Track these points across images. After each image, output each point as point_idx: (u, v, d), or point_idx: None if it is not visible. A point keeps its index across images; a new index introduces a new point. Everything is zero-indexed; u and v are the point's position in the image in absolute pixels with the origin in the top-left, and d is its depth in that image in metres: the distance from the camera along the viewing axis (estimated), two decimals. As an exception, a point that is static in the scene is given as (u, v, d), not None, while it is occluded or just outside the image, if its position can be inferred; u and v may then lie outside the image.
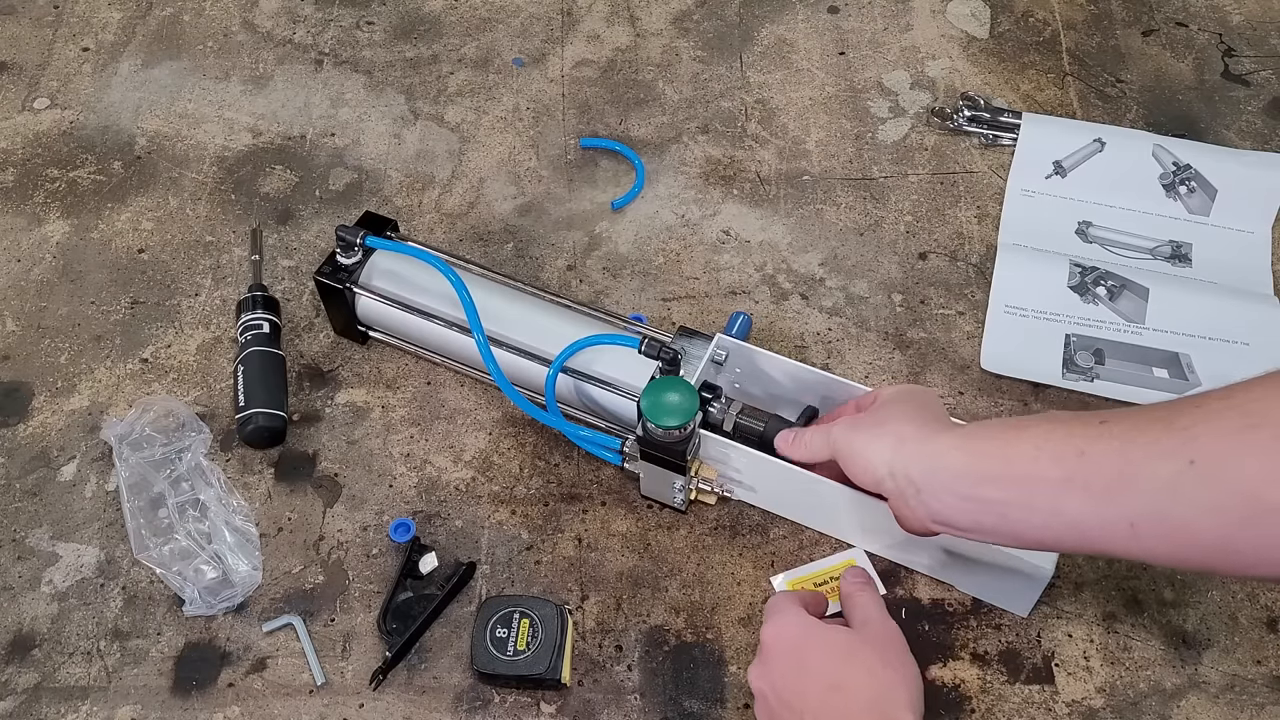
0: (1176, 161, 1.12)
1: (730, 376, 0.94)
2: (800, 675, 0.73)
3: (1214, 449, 0.59)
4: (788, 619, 0.76)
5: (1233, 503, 0.58)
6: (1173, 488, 0.60)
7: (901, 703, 0.70)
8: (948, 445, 0.71)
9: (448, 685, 0.85)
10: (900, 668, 0.73)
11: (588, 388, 0.91)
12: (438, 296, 0.95)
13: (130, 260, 1.09)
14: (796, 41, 1.26)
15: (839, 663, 0.72)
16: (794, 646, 0.74)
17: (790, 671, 0.73)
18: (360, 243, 0.96)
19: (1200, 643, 0.86)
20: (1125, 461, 0.62)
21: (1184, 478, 0.59)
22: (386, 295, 0.97)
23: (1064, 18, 1.28)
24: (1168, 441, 0.60)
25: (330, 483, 0.95)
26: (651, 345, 0.88)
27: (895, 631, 0.76)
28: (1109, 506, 0.63)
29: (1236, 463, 0.58)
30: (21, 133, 1.19)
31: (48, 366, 1.02)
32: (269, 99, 1.21)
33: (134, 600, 0.89)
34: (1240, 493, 0.58)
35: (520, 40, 1.26)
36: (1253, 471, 0.57)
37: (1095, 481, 0.63)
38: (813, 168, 1.15)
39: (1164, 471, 0.60)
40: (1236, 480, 0.58)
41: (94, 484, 0.95)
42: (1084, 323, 1.03)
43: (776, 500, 0.91)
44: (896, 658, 0.74)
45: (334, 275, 0.97)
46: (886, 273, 1.07)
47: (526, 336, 0.93)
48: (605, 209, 1.12)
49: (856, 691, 0.71)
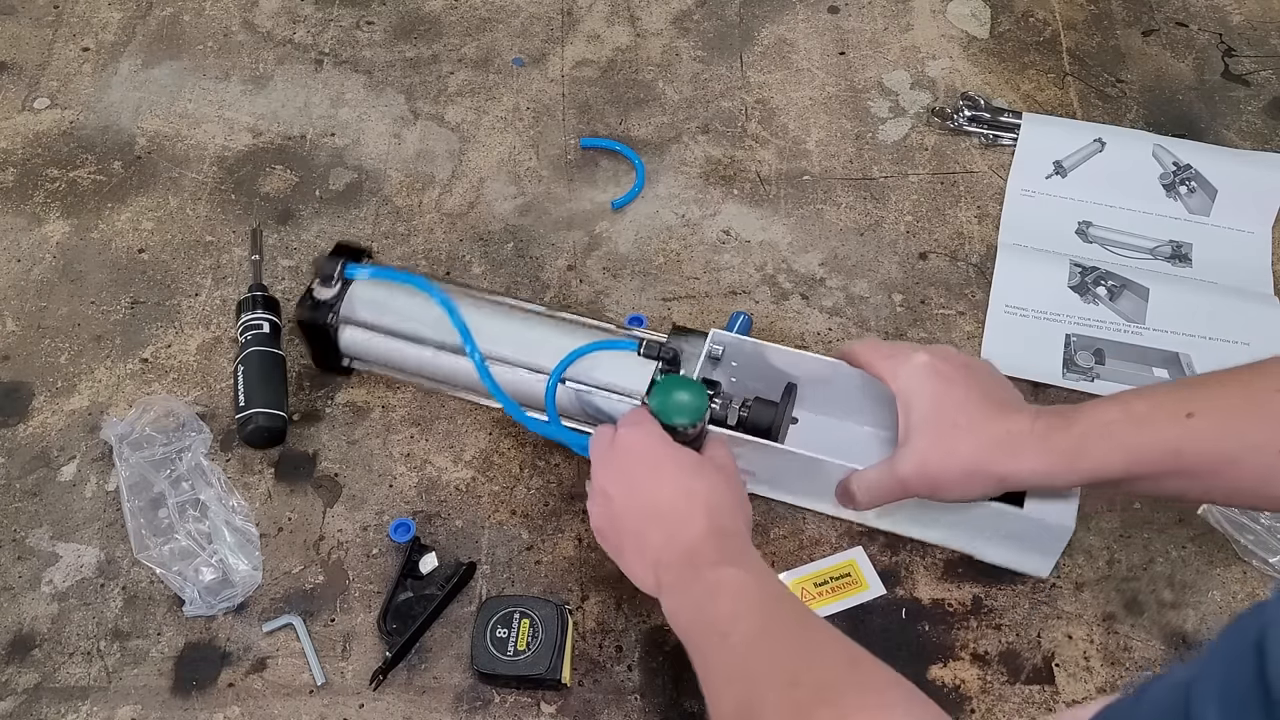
0: (1177, 161, 1.12)
1: (727, 370, 0.94)
2: (654, 481, 0.77)
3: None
4: (647, 429, 0.80)
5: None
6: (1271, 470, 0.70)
7: (741, 521, 0.77)
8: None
9: (448, 685, 0.85)
10: (736, 492, 0.79)
11: (589, 396, 0.91)
12: (425, 321, 0.93)
13: (130, 260, 1.09)
14: (797, 41, 1.26)
15: (690, 475, 0.77)
16: (650, 453, 0.78)
17: (645, 475, 0.78)
18: (340, 274, 0.93)
19: (1200, 643, 0.86)
20: (1222, 456, 0.71)
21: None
22: (372, 325, 0.94)
23: (1064, 18, 1.28)
24: (1259, 435, 0.71)
25: (330, 483, 0.95)
26: (650, 346, 0.88)
27: (735, 467, 0.82)
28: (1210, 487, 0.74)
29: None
30: (21, 133, 1.19)
31: (48, 366, 1.02)
32: (269, 99, 1.21)
33: (134, 600, 0.89)
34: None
35: (520, 40, 1.26)
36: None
37: (1199, 470, 0.72)
38: (813, 168, 1.15)
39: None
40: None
41: (94, 484, 0.95)
42: (1084, 323, 1.03)
43: (783, 486, 0.91)
44: (733, 484, 0.79)
45: (315, 311, 0.94)
46: (887, 273, 1.07)
47: (520, 351, 0.91)
48: (605, 209, 1.12)
49: (703, 503, 0.75)
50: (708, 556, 0.72)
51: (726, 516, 0.75)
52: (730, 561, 0.72)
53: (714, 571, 0.71)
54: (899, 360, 0.82)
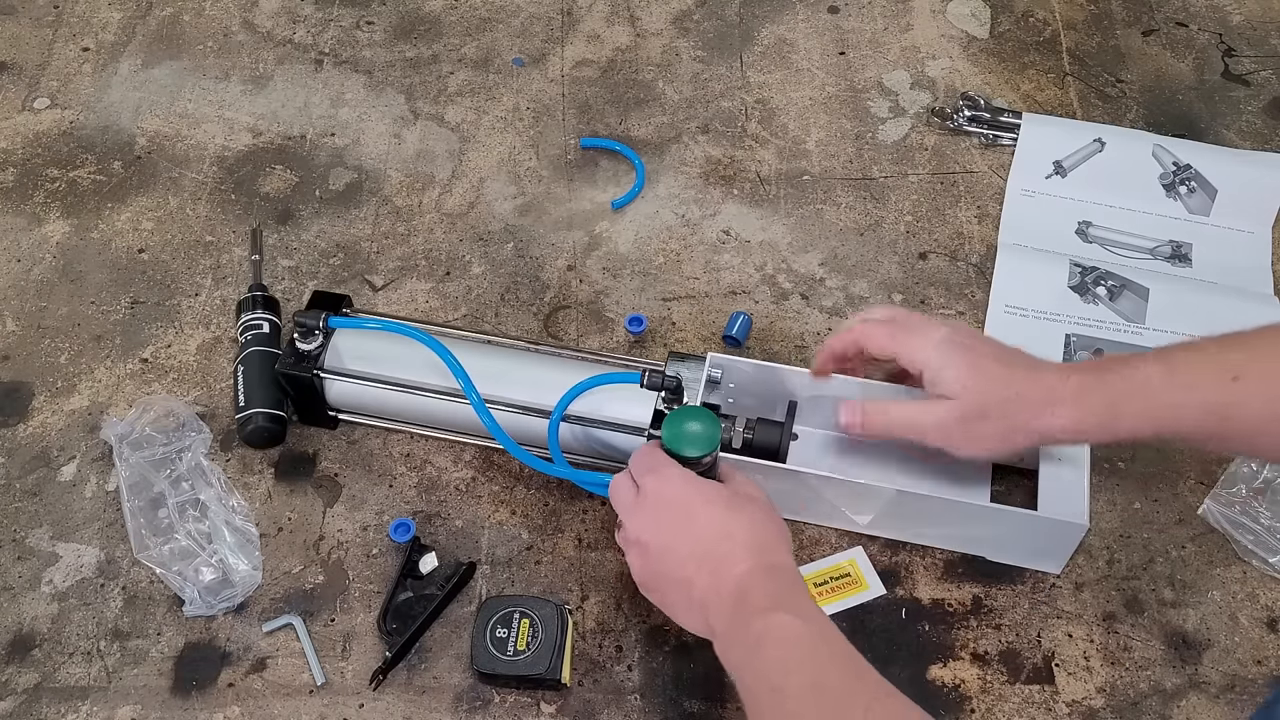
0: (1176, 161, 1.12)
1: (725, 392, 0.94)
2: (689, 524, 0.75)
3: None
4: (671, 472, 0.78)
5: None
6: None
7: (784, 552, 0.75)
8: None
9: (448, 685, 0.85)
10: (776, 523, 0.77)
11: (592, 431, 0.90)
12: (414, 366, 0.91)
13: (130, 260, 1.09)
14: (796, 41, 1.26)
15: (727, 514, 0.75)
16: (679, 497, 0.77)
17: (678, 521, 0.76)
18: (321, 326, 0.91)
19: (1200, 643, 0.86)
20: (1270, 419, 0.72)
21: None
22: (359, 375, 0.92)
23: (1064, 18, 1.28)
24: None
25: (330, 483, 0.95)
26: (653, 377, 0.86)
27: (766, 498, 0.79)
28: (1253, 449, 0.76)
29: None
30: (21, 133, 1.19)
31: (48, 366, 1.02)
32: (269, 99, 1.21)
33: (134, 600, 0.89)
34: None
35: (520, 40, 1.26)
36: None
37: (1243, 433, 0.74)
38: (813, 168, 1.15)
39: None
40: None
41: (94, 484, 0.95)
42: (1084, 323, 1.03)
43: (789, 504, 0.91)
44: (771, 515, 0.77)
45: (298, 364, 0.92)
46: (887, 273, 1.07)
47: (516, 391, 0.90)
48: (605, 209, 1.12)
49: (743, 540, 0.74)
50: (756, 600, 0.71)
51: (770, 550, 0.74)
52: (779, 605, 0.70)
53: (763, 619, 0.69)
54: (919, 338, 0.82)
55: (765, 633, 0.69)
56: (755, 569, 0.72)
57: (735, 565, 0.72)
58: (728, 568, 0.72)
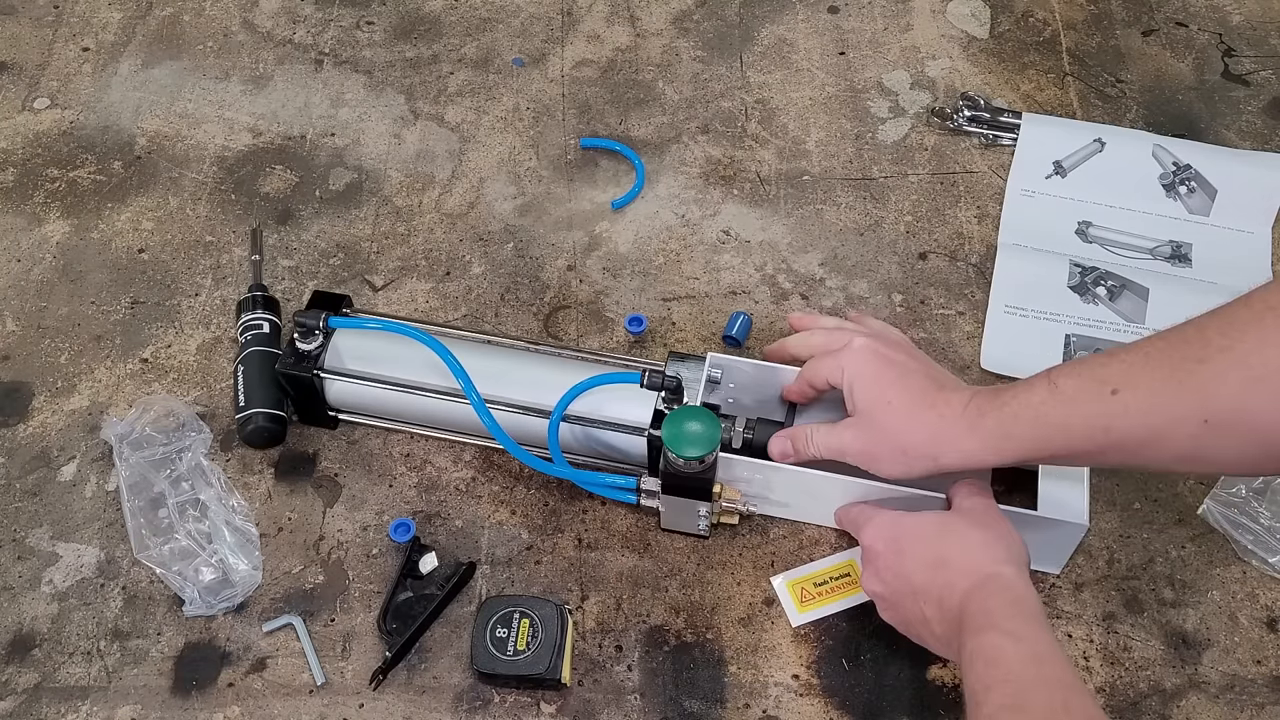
0: (1176, 161, 1.12)
1: (725, 392, 0.94)
2: (901, 561, 0.78)
3: (1228, 408, 0.67)
4: (881, 519, 0.81)
5: (1251, 452, 0.68)
6: (1197, 441, 0.69)
7: (999, 558, 0.75)
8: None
9: (448, 685, 0.85)
10: (993, 525, 0.78)
11: (592, 431, 0.90)
12: (414, 366, 0.91)
13: (130, 260, 1.09)
14: (796, 41, 1.26)
15: (935, 541, 0.78)
16: (891, 539, 0.79)
17: (894, 563, 0.79)
18: (321, 326, 0.91)
19: (1200, 643, 0.86)
20: (1149, 431, 0.70)
21: (1205, 435, 0.68)
22: (359, 375, 0.92)
23: (1064, 18, 1.28)
24: (1183, 408, 0.68)
25: (330, 483, 0.95)
26: (653, 377, 0.86)
27: (988, 502, 0.81)
28: (1142, 461, 0.74)
29: (1250, 418, 0.67)
30: (21, 133, 1.19)
31: (48, 366, 1.02)
32: (269, 99, 1.21)
33: (134, 600, 0.89)
34: (1257, 442, 0.67)
35: (520, 40, 1.26)
36: (1265, 423, 0.66)
37: (1128, 445, 0.72)
38: (813, 168, 1.15)
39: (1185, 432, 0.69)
40: (1251, 432, 0.67)
41: (94, 484, 0.95)
42: (1084, 323, 1.03)
43: (787, 504, 0.91)
44: (987, 519, 0.79)
45: (298, 364, 0.92)
46: (886, 273, 1.07)
47: (516, 391, 0.90)
48: (605, 209, 1.12)
49: (956, 562, 0.76)
50: (972, 621, 0.72)
51: (987, 564, 0.75)
52: (992, 624, 0.71)
53: (975, 639, 0.71)
54: (840, 352, 0.84)
55: (975, 652, 0.70)
56: (972, 590, 0.73)
57: (954, 592, 0.74)
58: (948, 597, 0.74)
